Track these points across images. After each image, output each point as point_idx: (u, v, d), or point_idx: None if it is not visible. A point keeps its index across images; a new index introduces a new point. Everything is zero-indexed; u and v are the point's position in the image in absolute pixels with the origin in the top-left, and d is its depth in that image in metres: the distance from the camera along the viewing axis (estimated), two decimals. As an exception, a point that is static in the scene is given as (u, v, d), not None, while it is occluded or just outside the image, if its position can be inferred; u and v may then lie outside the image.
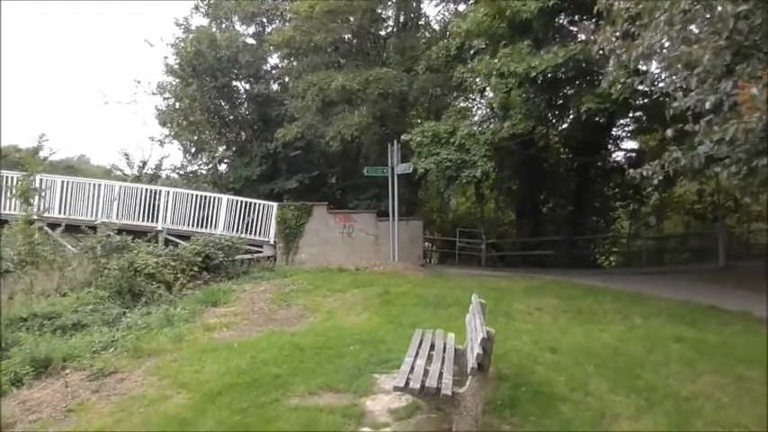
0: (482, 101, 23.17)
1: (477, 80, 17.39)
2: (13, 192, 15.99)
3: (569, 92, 14.49)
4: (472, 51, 17.27)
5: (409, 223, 18.24)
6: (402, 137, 16.87)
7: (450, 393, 4.73)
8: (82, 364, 7.27)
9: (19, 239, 13.97)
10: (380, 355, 7.15)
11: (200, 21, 24.73)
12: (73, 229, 16.01)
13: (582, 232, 22.89)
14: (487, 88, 18.19)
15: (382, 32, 23.52)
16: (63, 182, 17.41)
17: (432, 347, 6.02)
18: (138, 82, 28.68)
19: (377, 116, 20.87)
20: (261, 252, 17.20)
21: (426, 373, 5.09)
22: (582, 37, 10.75)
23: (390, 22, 23.56)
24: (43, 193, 16.42)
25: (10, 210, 16.52)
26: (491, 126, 16.11)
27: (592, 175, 23.41)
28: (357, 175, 21.04)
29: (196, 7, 24.92)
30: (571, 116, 15.99)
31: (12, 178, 16.73)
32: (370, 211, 19.00)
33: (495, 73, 14.25)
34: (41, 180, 16.86)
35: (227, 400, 5.85)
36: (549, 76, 13.12)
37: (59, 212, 16.80)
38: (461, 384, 5.05)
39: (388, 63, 20.79)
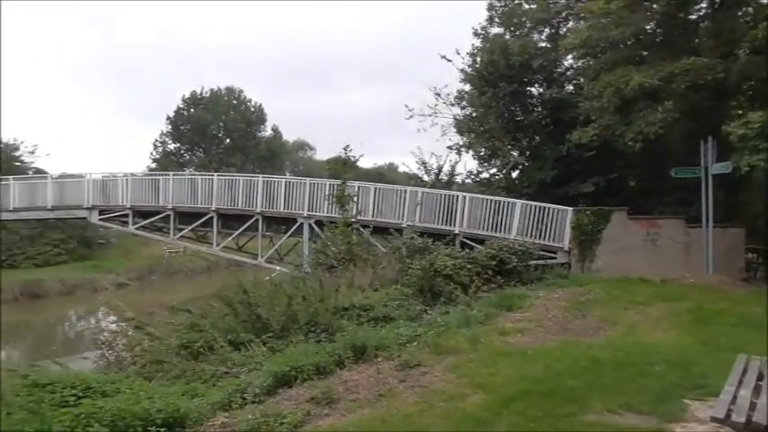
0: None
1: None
2: (333, 198, 18.73)
3: None
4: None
5: (727, 231, 16.00)
6: (722, 127, 14.87)
7: (787, 435, 3.98)
8: (390, 354, 7.99)
9: (338, 240, 16.16)
10: (692, 379, 6.40)
11: (496, 30, 25.50)
12: (381, 230, 17.98)
13: None
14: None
15: (693, 16, 21.07)
16: (375, 188, 19.64)
17: (760, 377, 5.15)
18: (438, 95, 30.75)
19: (685, 110, 18.75)
20: (554, 258, 16.91)
21: (753, 406, 4.39)
22: None
23: (703, 4, 20.96)
24: (355, 199, 18.84)
25: (328, 213, 19.34)
26: None
27: None
28: (661, 176, 19.21)
29: (491, 18, 25.71)
30: None
31: (331, 185, 19.63)
32: (678, 216, 17.18)
33: None
34: (358, 187, 19.36)
35: (521, 406, 5.84)
36: None
37: (372, 216, 18.98)
38: (802, 426, 4.20)
39: (699, 51, 18.51)
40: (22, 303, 28.14)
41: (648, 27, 20.91)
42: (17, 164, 36.59)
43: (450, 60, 24.65)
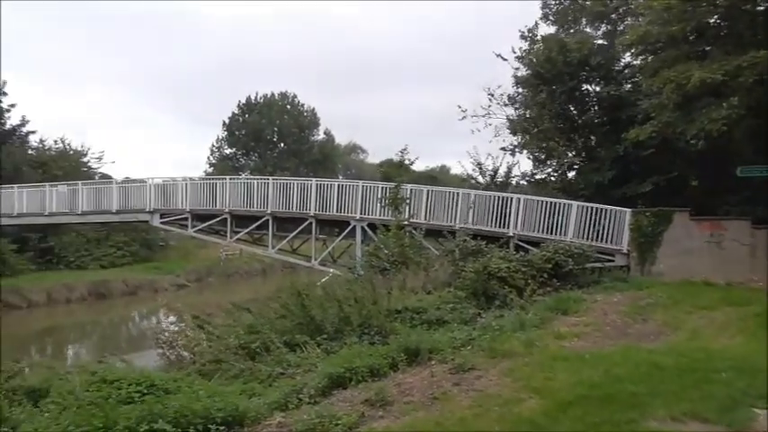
0: None
1: None
2: (385, 201, 18.78)
3: None
4: None
5: (799, 231, 15.21)
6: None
7: None
8: (444, 358, 7.95)
9: (391, 242, 16.18)
10: (761, 387, 6.10)
11: (545, 30, 25.04)
12: (434, 233, 17.92)
13: None
14: None
15: (760, 8, 20.13)
16: (428, 191, 19.61)
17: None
18: (492, 95, 30.34)
19: (752, 106, 17.92)
20: (612, 261, 16.46)
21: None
22: None
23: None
24: (408, 201, 18.83)
25: (381, 215, 19.42)
26: None
27: None
28: (725, 175, 18.42)
29: (544, 16, 25.27)
30: None
31: (383, 188, 19.70)
32: (744, 217, 16.46)
33: None
34: (411, 190, 19.37)
35: (579, 411, 5.71)
36: None
37: (424, 218, 18.95)
38: None
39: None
40: (90, 303, 29.49)
41: (711, 21, 20.11)
42: (84, 169, 38.29)
43: (505, 59, 24.28)
